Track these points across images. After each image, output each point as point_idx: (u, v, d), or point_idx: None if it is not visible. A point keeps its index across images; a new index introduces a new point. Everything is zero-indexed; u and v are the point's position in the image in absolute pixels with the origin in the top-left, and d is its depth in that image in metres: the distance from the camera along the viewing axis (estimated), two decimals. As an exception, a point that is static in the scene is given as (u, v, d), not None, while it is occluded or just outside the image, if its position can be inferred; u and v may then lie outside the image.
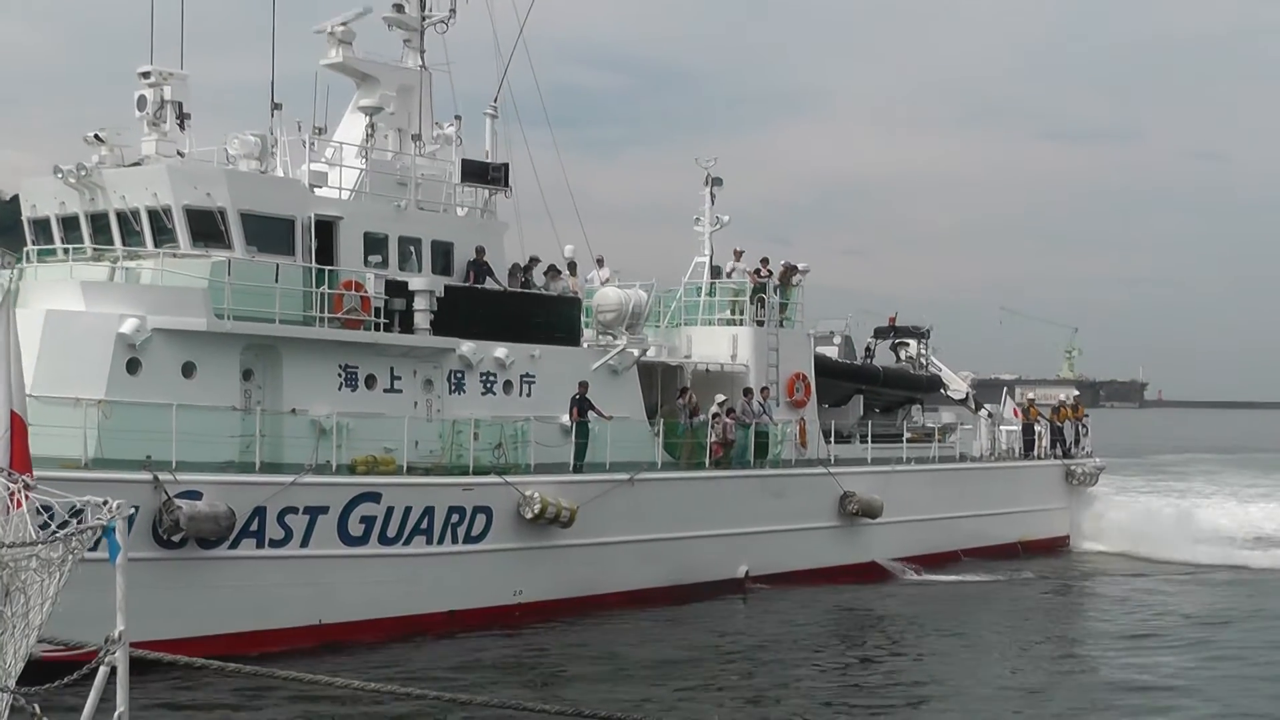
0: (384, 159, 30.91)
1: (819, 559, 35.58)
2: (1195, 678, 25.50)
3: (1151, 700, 23.66)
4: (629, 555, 31.14)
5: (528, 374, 31.15)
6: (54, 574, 7.57)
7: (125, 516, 7.65)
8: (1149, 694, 24.19)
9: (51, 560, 7.51)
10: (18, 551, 7.55)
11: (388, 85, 31.63)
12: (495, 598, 28.92)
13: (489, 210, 31.92)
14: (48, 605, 7.63)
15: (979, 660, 27.44)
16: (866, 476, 36.99)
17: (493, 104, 32.55)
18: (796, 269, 38.06)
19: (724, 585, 33.10)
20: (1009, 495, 42.49)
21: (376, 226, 29.41)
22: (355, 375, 28.36)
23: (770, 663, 26.69)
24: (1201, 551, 41.21)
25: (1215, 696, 23.90)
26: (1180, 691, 24.33)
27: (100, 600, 8.65)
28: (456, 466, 28.57)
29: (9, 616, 7.69)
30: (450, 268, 30.73)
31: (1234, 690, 24.45)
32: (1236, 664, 26.75)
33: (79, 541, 7.56)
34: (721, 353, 36.44)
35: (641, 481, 31.16)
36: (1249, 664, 26.66)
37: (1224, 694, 24.13)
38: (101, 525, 7.63)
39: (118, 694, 7.91)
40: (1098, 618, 33.57)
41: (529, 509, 28.71)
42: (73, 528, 7.60)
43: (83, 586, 8.11)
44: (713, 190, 38.58)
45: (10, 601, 7.66)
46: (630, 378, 33.15)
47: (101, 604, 8.63)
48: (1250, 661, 26.90)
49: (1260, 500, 59.88)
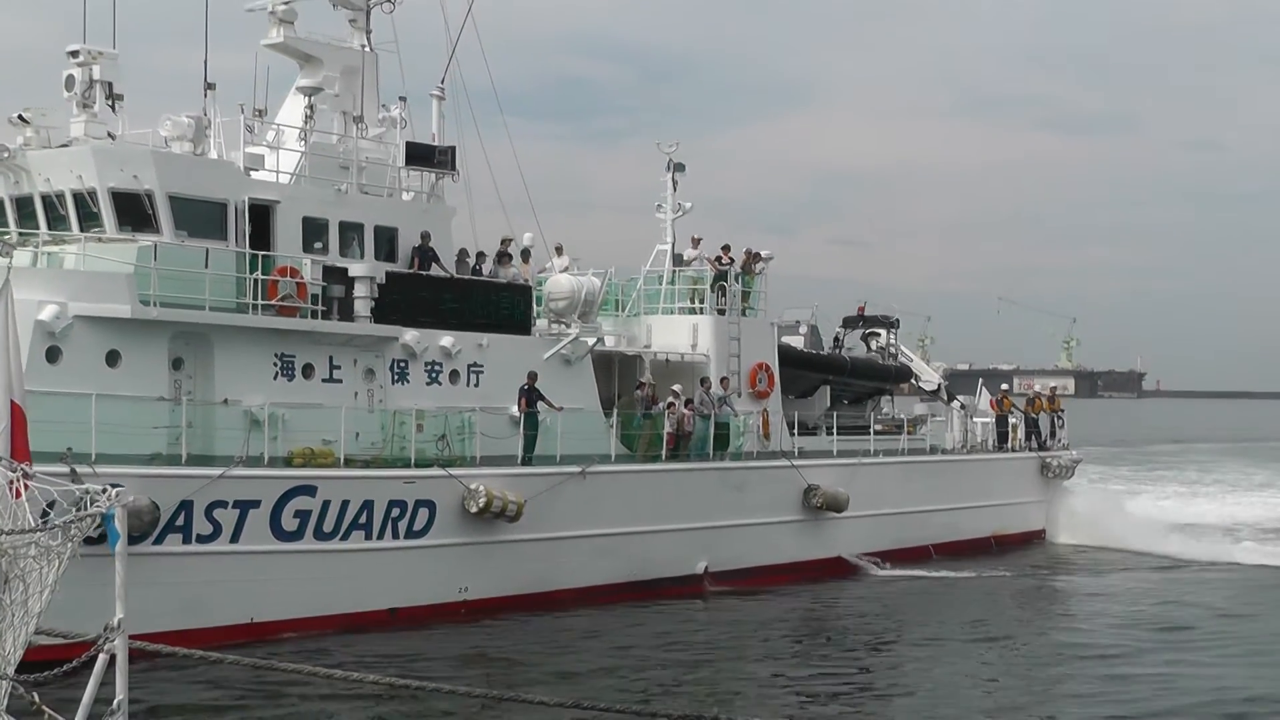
0: (325, 142, 29.89)
1: (782, 554, 34.59)
2: (1157, 666, 24.71)
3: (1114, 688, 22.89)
4: (582, 551, 30.16)
5: (475, 363, 30.15)
6: (53, 561, 7.58)
7: (124, 504, 7.64)
8: (1113, 681, 23.53)
9: (50, 548, 7.53)
10: (16, 538, 7.53)
11: (331, 66, 30.61)
12: (440, 595, 27.95)
13: (436, 195, 30.91)
14: (47, 593, 7.59)
15: (940, 657, 26.48)
16: (832, 469, 35.99)
17: (439, 85, 31.57)
18: (760, 256, 37.05)
19: (682, 581, 32.13)
20: (982, 488, 41.48)
21: (316, 211, 28.41)
22: (292, 364, 27.36)
23: (727, 660, 25.80)
24: (1175, 545, 40.30)
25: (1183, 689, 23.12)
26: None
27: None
28: (397, 459, 27.59)
29: (8, 604, 7.65)
30: (395, 254, 29.73)
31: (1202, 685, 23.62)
32: (1208, 660, 25.84)
33: (77, 529, 7.57)
34: (682, 342, 35.42)
35: (594, 474, 30.16)
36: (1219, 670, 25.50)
37: (1191, 687, 23.36)
38: (100, 513, 7.64)
39: (117, 682, 7.83)
40: (1065, 614, 32.62)
41: (474, 503, 27.73)
42: (71, 515, 7.59)
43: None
44: (675, 176, 37.53)
45: (9, 589, 7.62)
46: (584, 368, 32.15)
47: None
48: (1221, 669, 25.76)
49: (1249, 492, 59.41)
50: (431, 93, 31.40)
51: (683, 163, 37.58)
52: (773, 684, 23.86)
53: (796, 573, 34.46)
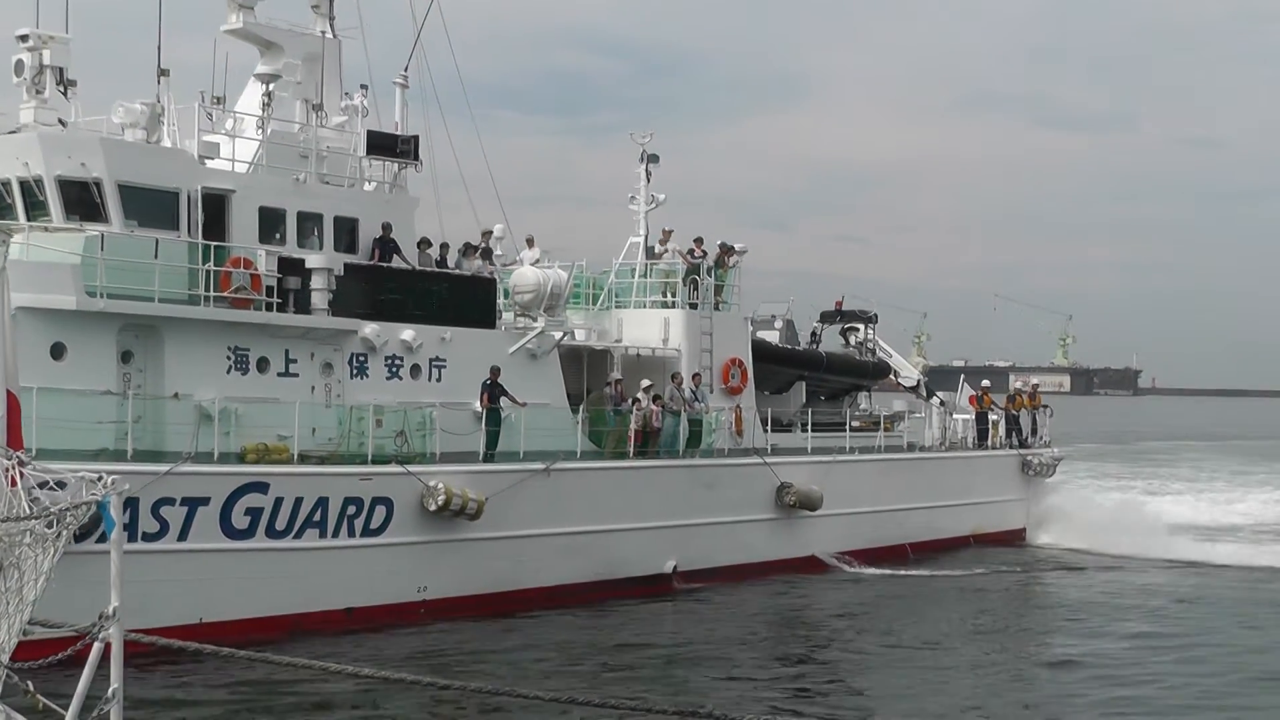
0: (285, 130, 29.16)
1: (754, 553, 33.95)
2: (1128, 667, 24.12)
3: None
4: (546, 549, 29.50)
5: (438, 357, 29.47)
6: (48, 549, 7.47)
7: (120, 492, 7.52)
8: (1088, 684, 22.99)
9: (45, 535, 7.41)
10: (11, 526, 7.46)
11: (292, 53, 29.92)
12: (398, 594, 27.29)
13: (398, 185, 30.23)
14: (41, 581, 7.49)
15: (909, 659, 25.92)
16: (806, 467, 35.35)
17: (403, 73, 30.89)
18: (734, 250, 36.38)
19: (651, 581, 31.49)
20: (960, 486, 40.85)
21: (273, 201, 27.72)
22: (246, 358, 26.68)
23: (693, 660, 25.22)
24: (1156, 545, 39.69)
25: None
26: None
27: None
28: (354, 455, 26.92)
29: (2, 592, 7.60)
30: (355, 245, 29.07)
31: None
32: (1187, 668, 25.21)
33: (73, 516, 7.43)
34: (653, 337, 34.76)
35: (559, 471, 29.51)
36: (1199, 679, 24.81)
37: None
38: (95, 500, 7.45)
39: (112, 671, 7.69)
40: (1036, 616, 32.01)
41: (432, 500, 27.09)
42: (66, 503, 7.48)
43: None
44: (648, 168, 36.87)
45: (4, 577, 7.57)
46: (551, 362, 31.50)
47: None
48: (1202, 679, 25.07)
49: (1239, 490, 58.84)
50: (395, 80, 30.73)
51: (656, 154, 36.98)
52: (732, 684, 23.29)
53: (769, 572, 33.83)
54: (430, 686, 15.83)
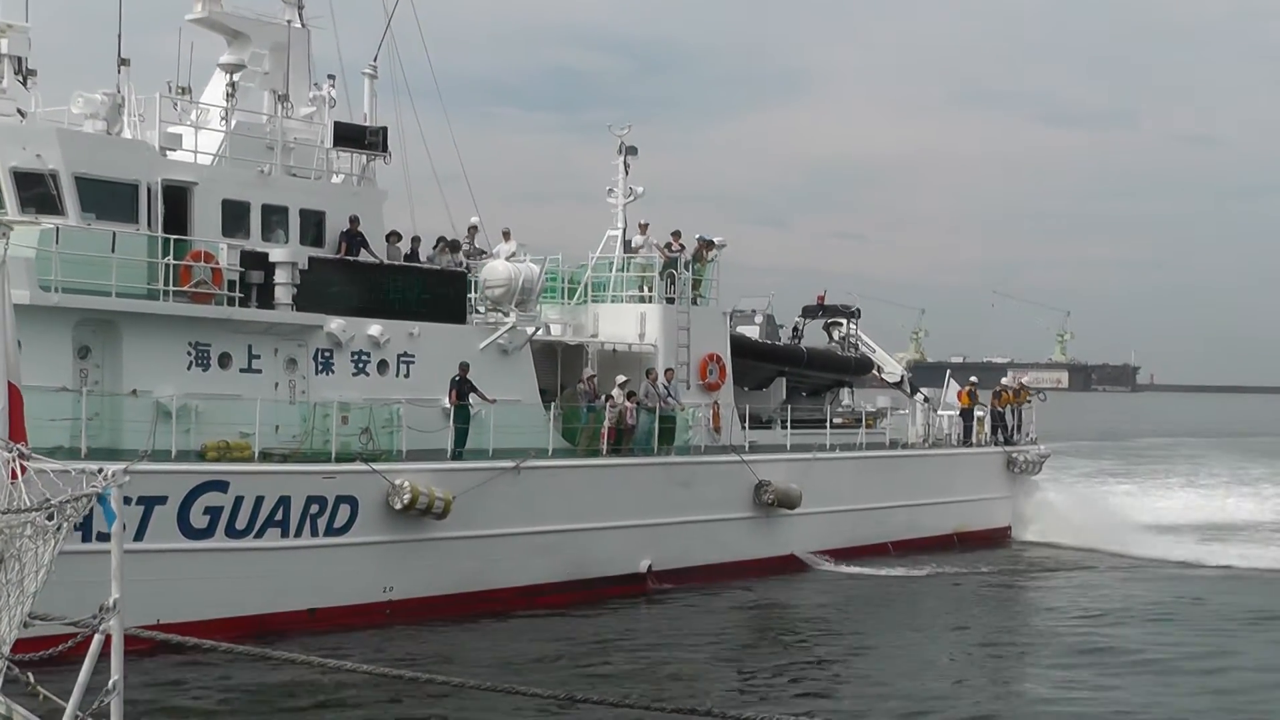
0: (252, 122, 28.63)
1: (731, 552, 33.44)
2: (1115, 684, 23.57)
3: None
4: (516, 549, 28.98)
5: (406, 353, 28.95)
6: (48, 541, 7.52)
7: (120, 484, 7.55)
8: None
9: (46, 527, 7.48)
10: (12, 518, 7.52)
11: (259, 43, 29.41)
12: (362, 595, 26.78)
13: (366, 177, 29.69)
14: (42, 572, 7.55)
15: (885, 658, 25.51)
16: (784, 464, 34.83)
17: (372, 63, 30.34)
18: (712, 244, 35.84)
19: (625, 580, 30.99)
20: (944, 484, 40.30)
21: (236, 193, 27.20)
22: (207, 354, 26.16)
23: (666, 662, 24.73)
24: (1142, 544, 39.21)
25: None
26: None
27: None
28: (318, 453, 26.40)
29: (3, 583, 7.67)
30: (322, 238, 28.54)
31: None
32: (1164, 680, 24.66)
33: (73, 508, 7.49)
34: (629, 332, 34.23)
35: (529, 469, 28.98)
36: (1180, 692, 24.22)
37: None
38: (96, 492, 7.53)
39: (112, 662, 7.71)
40: (1015, 618, 31.53)
41: (398, 499, 26.57)
42: (67, 494, 7.54)
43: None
44: (626, 160, 36.27)
45: (5, 568, 7.64)
46: (523, 358, 30.98)
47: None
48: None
49: (1230, 489, 58.38)
50: (364, 71, 30.17)
51: (635, 146, 36.40)
52: (707, 684, 22.82)
53: (747, 572, 33.32)
54: (412, 682, 15.53)
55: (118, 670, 7.73)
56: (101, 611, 7.81)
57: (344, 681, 21.30)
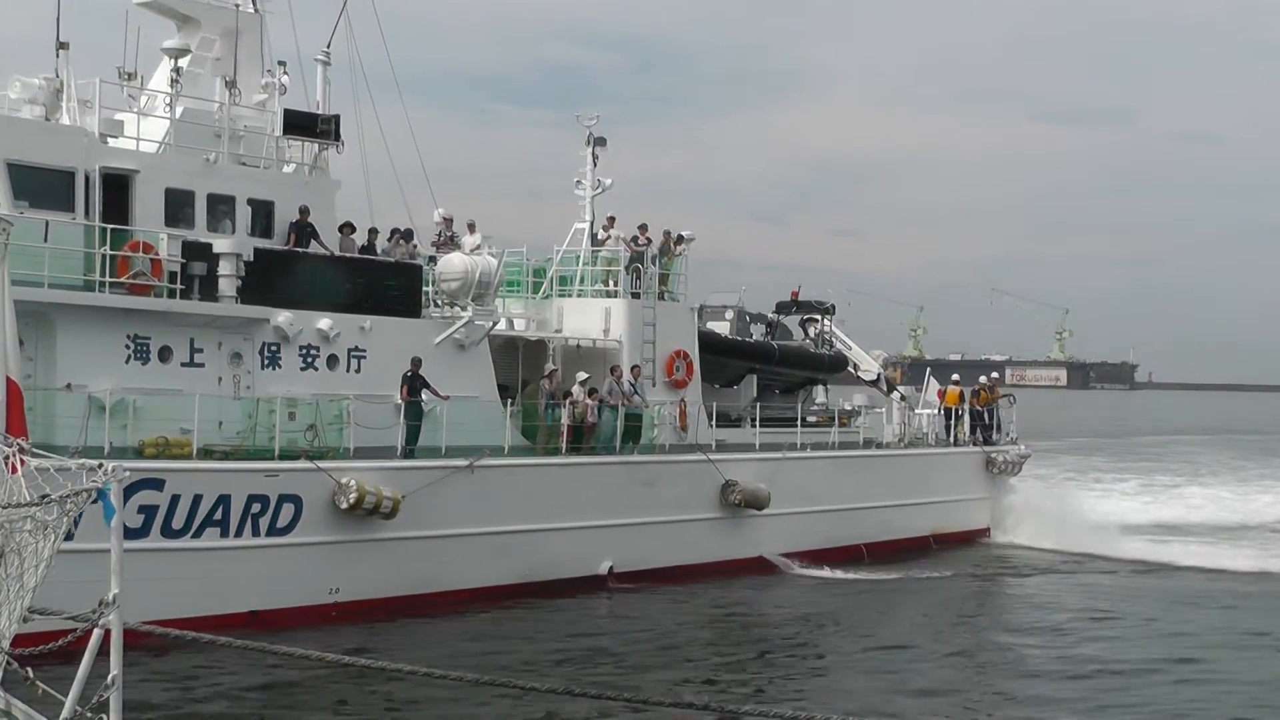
0: (202, 109, 27.83)
1: (696, 553, 32.62)
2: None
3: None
4: (470, 550, 28.21)
5: (357, 348, 28.15)
6: (48, 535, 7.52)
7: (120, 479, 7.62)
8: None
9: (46, 522, 7.46)
10: (12, 512, 7.47)
11: (209, 28, 28.60)
12: (307, 596, 25.99)
13: (318, 167, 28.88)
14: (42, 567, 7.54)
15: (854, 663, 24.78)
16: (753, 464, 34.01)
17: (325, 50, 29.51)
18: (682, 237, 35.01)
19: (584, 582, 30.19)
20: (920, 484, 39.46)
21: (180, 182, 26.39)
22: (147, 347, 25.36)
23: (622, 668, 23.96)
24: (1120, 546, 38.42)
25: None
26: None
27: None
28: (260, 450, 25.61)
29: (2, 578, 7.63)
30: (271, 229, 27.74)
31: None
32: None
33: (73, 503, 7.49)
34: (594, 327, 33.41)
35: (483, 468, 28.18)
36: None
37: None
38: (96, 487, 7.55)
39: (111, 658, 7.73)
40: (987, 624, 30.68)
41: (344, 498, 25.80)
42: (67, 489, 7.52)
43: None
44: (595, 151, 35.44)
45: (4, 563, 7.59)
46: (480, 353, 30.16)
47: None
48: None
49: (1217, 489, 57.66)
50: (316, 58, 29.35)
51: (604, 137, 35.55)
52: (666, 687, 22.04)
53: (713, 574, 32.50)
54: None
55: (117, 665, 7.73)
56: (101, 606, 7.93)
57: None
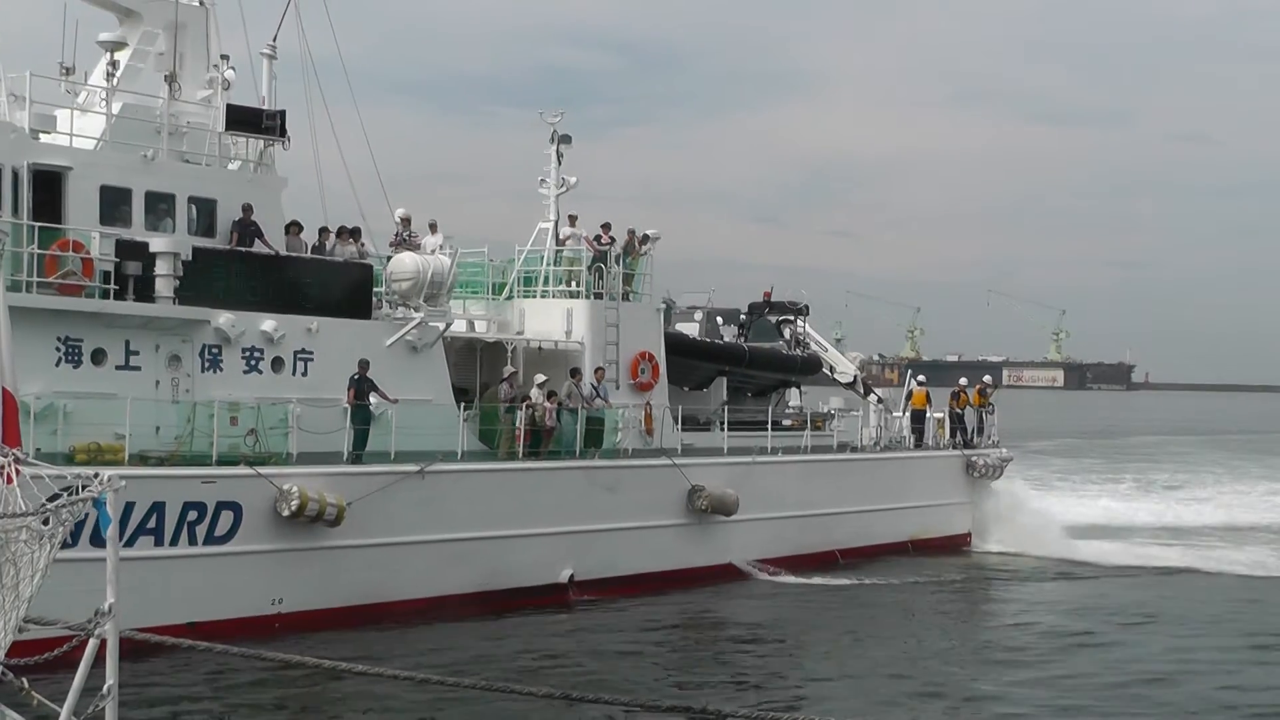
0: (139, 103, 26.94)
1: (662, 561, 31.66)
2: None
3: None
4: (421, 558, 27.28)
5: (304, 350, 27.24)
6: (44, 545, 7.50)
7: (116, 489, 7.62)
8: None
9: (41, 532, 7.45)
10: (7, 523, 7.43)
11: (152, 21, 27.73)
12: (248, 607, 25.05)
13: (264, 164, 27.99)
14: (38, 577, 7.51)
15: (818, 680, 23.81)
16: (721, 468, 33.05)
17: (270, 43, 28.63)
18: (647, 236, 34.10)
19: (544, 591, 29.24)
20: (897, 489, 38.51)
21: (116, 180, 25.51)
22: (79, 350, 24.45)
23: (581, 683, 22.95)
24: (1090, 549, 37.55)
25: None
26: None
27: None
28: (198, 456, 24.70)
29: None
30: (214, 228, 26.84)
31: None
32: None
33: (69, 513, 7.52)
34: (555, 329, 32.51)
35: (435, 473, 27.26)
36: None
37: None
38: (92, 497, 7.59)
39: (107, 667, 7.68)
40: (961, 633, 29.72)
41: (286, 505, 24.88)
42: (63, 499, 7.51)
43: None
44: (559, 149, 34.56)
45: (0, 574, 7.51)
46: (435, 355, 29.25)
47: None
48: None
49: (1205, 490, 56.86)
50: (261, 51, 28.48)
51: (568, 134, 34.66)
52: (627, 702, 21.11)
53: (680, 581, 31.58)
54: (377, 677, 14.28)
55: (112, 675, 7.69)
56: (97, 616, 7.83)
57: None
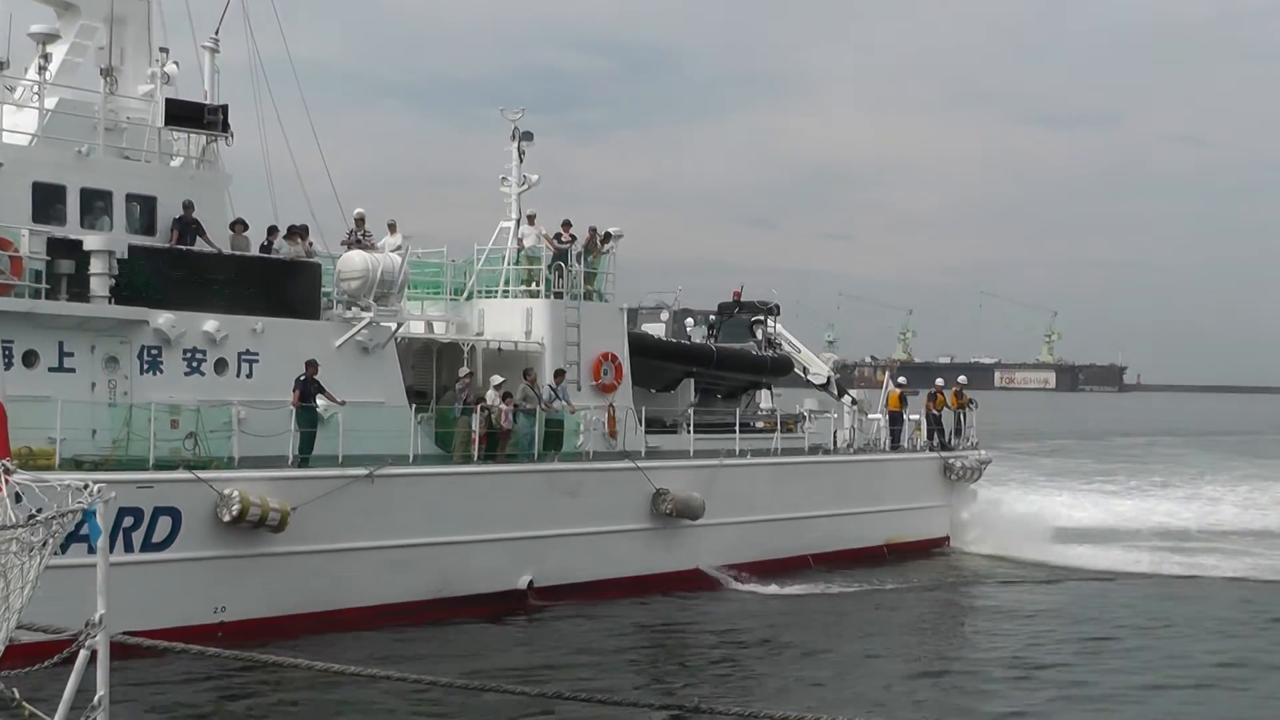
0: (76, 98, 26.18)
1: (625, 566, 30.84)
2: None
3: None
4: (371, 564, 26.45)
5: (248, 351, 26.45)
6: (34, 556, 7.45)
7: (106, 500, 7.62)
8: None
9: (32, 543, 7.40)
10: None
11: (91, 14, 26.97)
12: (189, 616, 24.18)
13: (207, 160, 27.21)
14: (28, 589, 7.48)
15: (792, 682, 23.07)
16: (687, 471, 32.23)
17: (213, 36, 27.85)
18: (609, 235, 33.32)
19: (501, 598, 28.43)
20: (872, 492, 37.70)
21: (49, 176, 24.76)
22: (9, 351, 23.62)
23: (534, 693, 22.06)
24: (1067, 554, 36.77)
25: None
26: None
27: None
28: (135, 460, 23.88)
29: None
30: (154, 226, 26.08)
31: None
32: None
33: (59, 524, 7.47)
34: (515, 329, 31.73)
35: (384, 477, 26.45)
36: None
37: None
38: (82, 508, 7.62)
39: (98, 678, 7.75)
40: (932, 636, 28.92)
41: (226, 510, 24.06)
42: (53, 511, 7.48)
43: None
44: (521, 146, 33.83)
45: None
46: (387, 356, 28.47)
47: None
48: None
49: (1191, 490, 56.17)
50: (203, 45, 27.68)
51: (530, 131, 33.90)
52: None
53: (645, 587, 30.75)
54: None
55: (103, 685, 7.73)
56: (88, 627, 7.91)
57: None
